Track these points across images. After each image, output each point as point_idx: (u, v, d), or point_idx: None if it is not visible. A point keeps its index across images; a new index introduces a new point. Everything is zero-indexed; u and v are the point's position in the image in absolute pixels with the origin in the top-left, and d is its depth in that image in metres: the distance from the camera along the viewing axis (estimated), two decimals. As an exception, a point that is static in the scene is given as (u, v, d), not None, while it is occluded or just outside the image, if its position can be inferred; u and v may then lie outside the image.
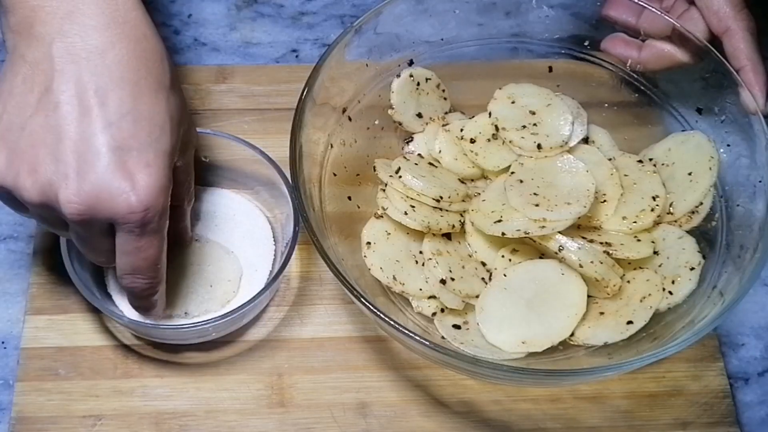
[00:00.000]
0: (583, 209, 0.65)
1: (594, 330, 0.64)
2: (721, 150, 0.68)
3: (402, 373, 0.68)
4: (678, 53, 0.69)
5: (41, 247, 0.71)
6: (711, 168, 0.68)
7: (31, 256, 0.71)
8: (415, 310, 0.66)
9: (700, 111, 0.70)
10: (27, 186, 0.54)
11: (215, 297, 0.68)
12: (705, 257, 0.66)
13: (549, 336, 0.63)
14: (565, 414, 0.67)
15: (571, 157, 0.69)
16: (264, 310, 0.70)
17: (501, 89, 0.73)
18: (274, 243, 0.71)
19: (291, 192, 0.66)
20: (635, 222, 0.67)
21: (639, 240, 0.67)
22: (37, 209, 0.55)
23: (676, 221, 0.68)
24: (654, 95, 0.73)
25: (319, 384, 0.67)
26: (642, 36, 0.71)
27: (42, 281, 0.70)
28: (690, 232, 0.68)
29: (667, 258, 0.66)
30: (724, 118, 0.68)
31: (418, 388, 0.68)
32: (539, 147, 0.69)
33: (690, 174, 0.69)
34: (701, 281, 0.65)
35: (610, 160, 0.70)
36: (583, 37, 0.74)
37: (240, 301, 0.66)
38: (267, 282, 0.67)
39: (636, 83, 0.73)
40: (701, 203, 0.68)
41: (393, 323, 0.57)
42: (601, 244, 0.65)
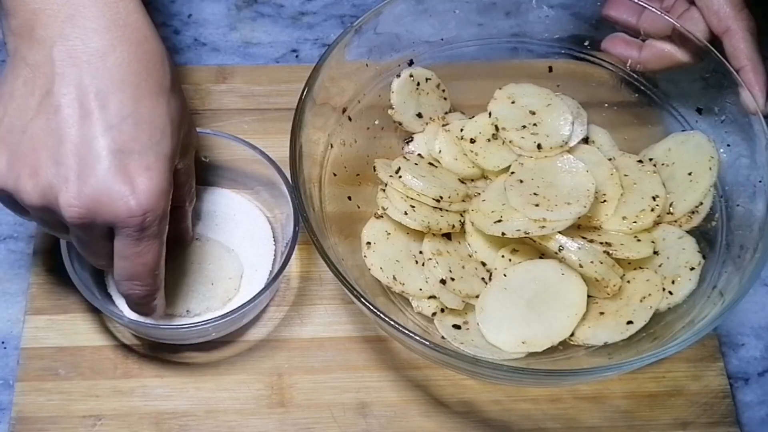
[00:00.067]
0: (583, 209, 0.65)
1: (594, 330, 0.64)
2: (721, 150, 0.68)
3: (402, 373, 0.68)
4: (678, 53, 0.69)
5: (41, 247, 0.71)
6: (711, 168, 0.68)
7: (31, 256, 0.71)
8: (415, 310, 0.66)
9: (700, 111, 0.70)
10: (28, 189, 0.54)
11: (216, 295, 0.68)
12: (705, 257, 0.66)
13: (549, 336, 0.63)
14: (565, 414, 0.67)
15: (571, 157, 0.69)
16: (264, 310, 0.70)
17: (501, 89, 0.73)
18: (274, 243, 0.71)
19: (291, 192, 0.66)
20: (635, 222, 0.67)
21: (639, 240, 0.67)
22: (38, 212, 0.55)
23: (676, 221, 0.68)
24: (654, 95, 0.73)
25: (319, 384, 0.67)
26: (642, 36, 0.71)
27: (42, 281, 0.70)
28: (690, 232, 0.68)
29: (667, 258, 0.66)
30: (724, 118, 0.68)
31: (418, 388, 0.68)
32: (539, 147, 0.69)
33: (690, 174, 0.69)
34: (701, 281, 0.65)
35: (610, 160, 0.70)
36: (583, 37, 0.74)
37: (240, 301, 0.67)
38: (267, 282, 0.67)
39: (636, 83, 0.73)
40: (701, 203, 0.68)
41: (393, 323, 0.57)
42: (601, 244, 0.65)
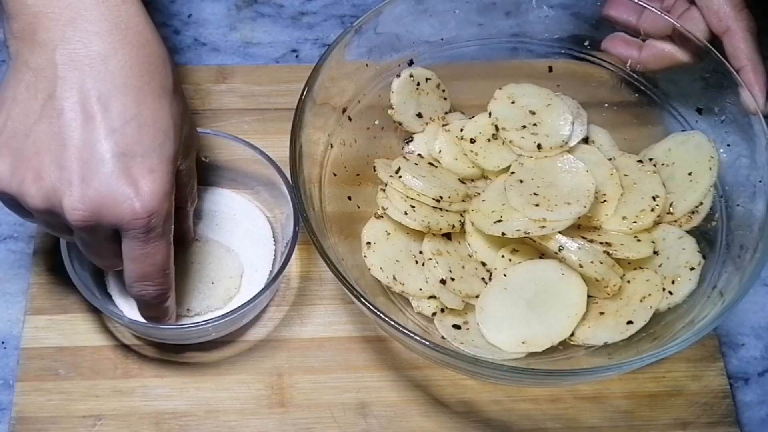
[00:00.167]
0: (583, 209, 0.65)
1: (594, 330, 0.64)
2: (721, 150, 0.68)
3: (402, 373, 0.68)
4: (678, 53, 0.69)
5: (41, 247, 0.71)
6: (711, 168, 0.68)
7: (31, 256, 0.71)
8: (415, 310, 0.66)
9: (700, 111, 0.70)
10: (32, 193, 0.54)
11: (217, 294, 0.68)
12: (705, 257, 0.66)
13: (549, 336, 0.63)
14: (565, 414, 0.67)
15: (571, 157, 0.69)
16: (264, 310, 0.70)
17: (501, 89, 0.73)
18: (274, 243, 0.71)
19: (291, 192, 0.66)
20: (635, 222, 0.67)
21: (639, 240, 0.67)
22: (42, 215, 0.55)
23: (676, 221, 0.68)
24: (654, 95, 0.73)
25: (319, 384, 0.67)
26: (642, 36, 0.71)
27: (42, 281, 0.70)
28: (690, 232, 0.68)
29: (667, 258, 0.66)
30: (724, 118, 0.68)
31: (418, 388, 0.68)
32: (539, 147, 0.69)
33: (690, 174, 0.69)
34: (701, 281, 0.65)
35: (610, 160, 0.70)
36: (583, 37, 0.74)
37: (240, 300, 0.67)
38: (267, 282, 0.67)
39: (636, 83, 0.73)
40: (701, 203, 0.68)
41: (393, 323, 0.57)
42: (601, 244, 0.65)
